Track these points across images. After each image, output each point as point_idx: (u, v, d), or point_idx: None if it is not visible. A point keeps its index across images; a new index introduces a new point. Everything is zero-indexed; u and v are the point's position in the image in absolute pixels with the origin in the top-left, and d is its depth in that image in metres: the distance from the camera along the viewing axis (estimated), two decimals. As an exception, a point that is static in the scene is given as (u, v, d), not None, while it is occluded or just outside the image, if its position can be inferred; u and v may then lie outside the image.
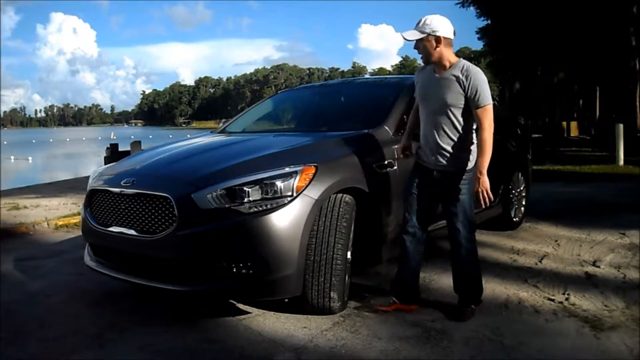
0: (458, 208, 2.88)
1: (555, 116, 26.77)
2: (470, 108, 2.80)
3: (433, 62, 2.85)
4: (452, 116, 2.82)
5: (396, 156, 3.29)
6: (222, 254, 2.70)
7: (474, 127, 2.88)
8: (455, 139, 2.84)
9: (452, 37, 2.83)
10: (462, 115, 2.83)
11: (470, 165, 2.87)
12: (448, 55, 2.82)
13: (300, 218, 2.73)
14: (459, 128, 2.84)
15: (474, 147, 2.90)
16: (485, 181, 2.75)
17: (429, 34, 2.77)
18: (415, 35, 2.80)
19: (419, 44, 2.82)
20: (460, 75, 2.78)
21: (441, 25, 2.79)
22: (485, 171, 2.76)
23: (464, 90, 2.77)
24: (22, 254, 4.71)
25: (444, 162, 2.86)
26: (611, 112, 21.41)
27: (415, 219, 2.95)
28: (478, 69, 2.82)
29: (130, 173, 3.16)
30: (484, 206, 2.83)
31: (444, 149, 2.85)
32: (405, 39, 2.82)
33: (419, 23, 2.82)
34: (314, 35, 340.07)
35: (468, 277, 2.98)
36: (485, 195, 2.75)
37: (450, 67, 2.82)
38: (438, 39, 2.78)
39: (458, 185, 2.85)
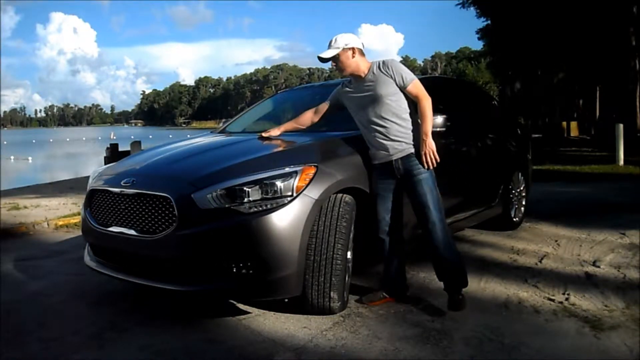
0: (424, 187, 2.98)
1: (555, 116, 26.77)
2: (402, 91, 3.01)
3: (352, 72, 3.07)
4: (391, 103, 2.99)
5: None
6: (222, 254, 2.70)
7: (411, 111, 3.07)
8: (401, 122, 3.01)
9: (362, 47, 3.09)
10: (400, 101, 3.02)
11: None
12: (363, 62, 3.07)
13: (300, 218, 2.73)
14: (401, 111, 3.01)
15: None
16: (431, 143, 2.95)
17: (343, 48, 3.01)
18: (332, 52, 3.02)
19: (337, 59, 3.03)
20: (381, 69, 3.03)
21: (351, 38, 3.05)
22: (429, 134, 2.96)
23: (391, 78, 3.00)
24: (22, 254, 4.71)
25: (398, 147, 2.99)
26: (611, 112, 21.40)
27: (388, 218, 3.06)
28: (390, 58, 3.10)
29: (130, 173, 3.16)
30: (426, 167, 2.96)
31: (395, 134, 3.00)
32: (323, 59, 3.05)
33: (331, 43, 3.05)
34: (314, 35, 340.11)
35: (448, 258, 3.01)
36: (431, 157, 2.94)
37: (368, 70, 3.06)
38: (353, 50, 3.03)
39: (417, 165, 2.98)
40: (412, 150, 2.99)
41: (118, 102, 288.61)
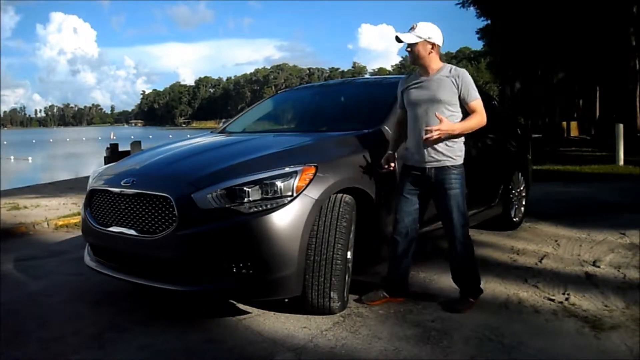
0: (452, 203, 2.97)
1: (555, 116, 26.76)
2: (462, 104, 2.98)
3: (421, 65, 3.01)
4: (445, 112, 2.95)
5: (396, 156, 3.31)
6: (222, 254, 2.70)
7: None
8: (445, 138, 2.94)
9: (441, 45, 3.02)
10: (456, 113, 2.98)
11: (460, 160, 3.02)
12: (436, 60, 3.01)
13: (300, 218, 2.73)
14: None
15: (462, 144, 3.05)
16: (447, 129, 2.86)
17: (425, 40, 2.94)
18: (412, 39, 2.95)
19: (413, 47, 2.97)
20: (451, 76, 2.97)
21: (436, 33, 2.98)
22: (457, 131, 2.92)
23: (457, 88, 2.95)
24: (22, 254, 4.71)
25: (437, 157, 2.97)
26: (611, 112, 21.40)
27: (406, 221, 3.04)
28: (463, 69, 3.02)
29: (131, 173, 3.16)
30: (424, 135, 2.89)
31: (437, 145, 2.95)
32: (401, 40, 2.96)
33: (414, 27, 2.97)
34: (314, 35, 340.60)
35: (465, 270, 3.08)
36: (434, 134, 2.82)
37: (437, 70, 3.00)
38: (433, 46, 2.97)
39: (450, 181, 2.96)
40: (449, 164, 2.96)
41: (118, 102, 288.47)
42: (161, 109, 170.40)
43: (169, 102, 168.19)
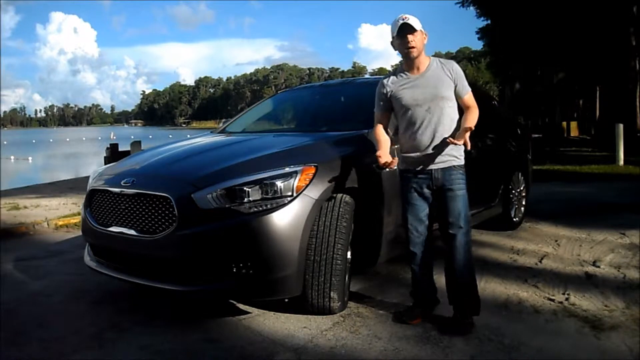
0: (460, 204, 2.82)
1: (555, 116, 26.77)
2: (456, 97, 2.85)
3: (416, 57, 2.79)
4: (446, 110, 2.79)
5: (396, 156, 3.29)
6: (222, 254, 2.70)
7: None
8: (451, 132, 2.80)
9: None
10: (454, 107, 2.85)
11: (463, 159, 2.88)
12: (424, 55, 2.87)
13: (300, 218, 2.73)
14: (452, 122, 2.83)
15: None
16: (467, 135, 2.72)
17: (421, 30, 2.79)
18: (418, 25, 2.76)
19: (417, 37, 2.77)
20: (445, 70, 2.83)
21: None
22: (470, 128, 2.73)
23: (454, 83, 2.82)
24: (22, 254, 4.71)
25: (443, 158, 2.80)
26: (611, 112, 21.39)
27: (420, 229, 2.86)
28: (451, 60, 2.91)
29: (130, 173, 3.16)
30: (465, 147, 2.75)
31: (442, 143, 2.80)
32: (412, 26, 2.73)
33: (409, 17, 2.77)
34: (314, 35, 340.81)
35: (464, 283, 2.83)
36: (461, 141, 2.70)
37: (428, 65, 2.84)
38: (424, 37, 2.82)
39: (457, 182, 2.82)
40: (455, 163, 2.81)
41: (118, 102, 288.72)
42: (161, 109, 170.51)
43: (169, 102, 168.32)
